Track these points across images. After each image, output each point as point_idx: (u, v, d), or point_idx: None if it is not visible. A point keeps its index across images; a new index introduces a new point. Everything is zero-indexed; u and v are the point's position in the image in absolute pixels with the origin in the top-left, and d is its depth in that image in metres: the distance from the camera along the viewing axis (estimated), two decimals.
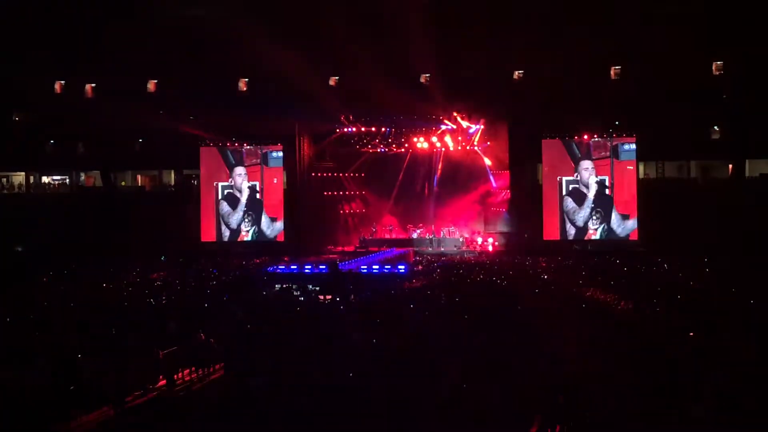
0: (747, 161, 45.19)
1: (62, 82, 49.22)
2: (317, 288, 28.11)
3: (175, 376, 17.00)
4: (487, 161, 47.66)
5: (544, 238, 43.63)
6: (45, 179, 53.46)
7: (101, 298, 26.02)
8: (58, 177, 53.45)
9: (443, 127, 46.40)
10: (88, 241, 42.25)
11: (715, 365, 13.63)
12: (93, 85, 49.26)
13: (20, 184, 52.19)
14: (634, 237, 42.55)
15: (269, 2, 44.19)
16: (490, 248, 45.63)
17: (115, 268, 35.69)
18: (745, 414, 11.57)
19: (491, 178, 47.58)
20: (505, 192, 46.70)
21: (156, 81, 48.67)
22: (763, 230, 37.03)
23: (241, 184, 46.74)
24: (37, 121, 48.71)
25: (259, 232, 46.44)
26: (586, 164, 43.49)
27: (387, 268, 33.06)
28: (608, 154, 43.30)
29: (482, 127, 46.23)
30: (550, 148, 44.24)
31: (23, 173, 52.00)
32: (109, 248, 40.80)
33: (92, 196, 49.91)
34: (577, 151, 43.69)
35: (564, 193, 43.74)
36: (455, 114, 45.33)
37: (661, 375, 13.31)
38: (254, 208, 46.54)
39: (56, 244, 41.71)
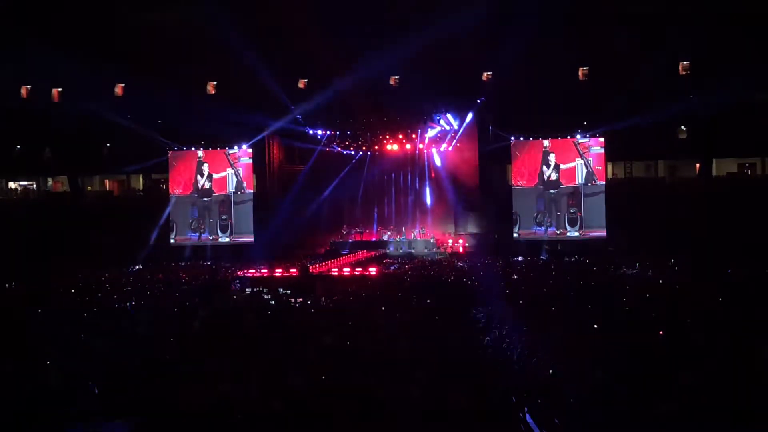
0: (714, 160, 45.59)
1: (28, 86, 48.83)
2: (288, 291, 28.01)
3: None
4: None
5: (514, 239, 43.78)
6: (12, 184, 53.04)
7: (69, 303, 25.76)
8: (26, 182, 53.05)
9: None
10: (56, 246, 41.89)
11: (685, 363, 13.69)
12: (59, 89, 48.91)
13: None
14: (604, 236, 42.74)
15: (238, 4, 44.01)
16: (461, 249, 45.73)
17: (83, 273, 35.47)
18: (715, 411, 11.62)
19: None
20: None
21: (123, 85, 48.41)
22: (730, 228, 37.33)
23: (211, 187, 46.59)
24: (3, 126, 48.20)
25: (229, 235, 46.32)
26: (555, 165, 43.71)
27: (358, 271, 33.03)
28: (577, 154, 43.53)
29: (458, 129, 46.38)
30: (520, 149, 44.44)
31: None
32: (77, 253, 40.48)
33: (60, 201, 49.56)
34: (546, 152, 43.92)
35: (533, 193, 43.96)
36: (435, 115, 45.31)
37: (632, 373, 13.34)
38: (224, 211, 46.41)
39: (24, 249, 41.31)
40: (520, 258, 40.53)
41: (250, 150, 46.34)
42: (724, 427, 11.41)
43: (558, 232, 43.64)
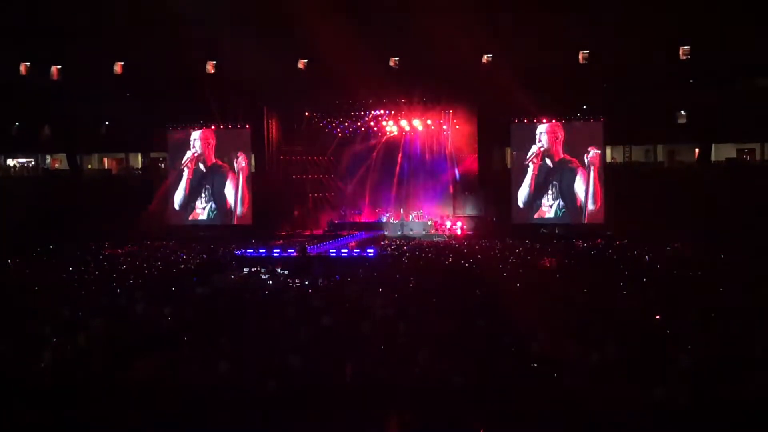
0: (713, 145, 45.57)
1: (27, 63, 48.68)
2: (286, 271, 28.01)
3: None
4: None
5: (513, 222, 43.78)
6: (10, 162, 52.98)
7: (66, 281, 25.77)
8: (24, 159, 52.98)
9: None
10: (54, 224, 41.85)
11: (680, 350, 13.72)
12: (59, 66, 48.78)
13: None
14: (602, 221, 42.78)
15: None
16: (459, 232, 45.75)
17: (81, 251, 35.50)
18: (707, 399, 11.64)
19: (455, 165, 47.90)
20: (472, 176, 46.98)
21: (123, 63, 48.29)
22: (728, 214, 37.34)
23: (210, 166, 46.57)
24: (1, 103, 48.06)
25: (228, 216, 46.32)
26: (554, 147, 43.69)
27: (356, 252, 33.02)
28: (575, 138, 43.51)
29: (451, 111, 46.50)
30: (519, 132, 44.39)
31: None
32: (75, 232, 40.44)
33: (58, 179, 49.51)
34: (544, 135, 43.85)
35: (530, 176, 43.94)
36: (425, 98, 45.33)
37: (626, 357, 13.38)
38: (222, 191, 46.38)
39: (22, 226, 41.27)
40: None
41: (249, 130, 46.27)
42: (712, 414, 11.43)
43: (555, 216, 43.66)
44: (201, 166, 46.70)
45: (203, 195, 46.60)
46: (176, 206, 46.60)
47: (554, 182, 43.69)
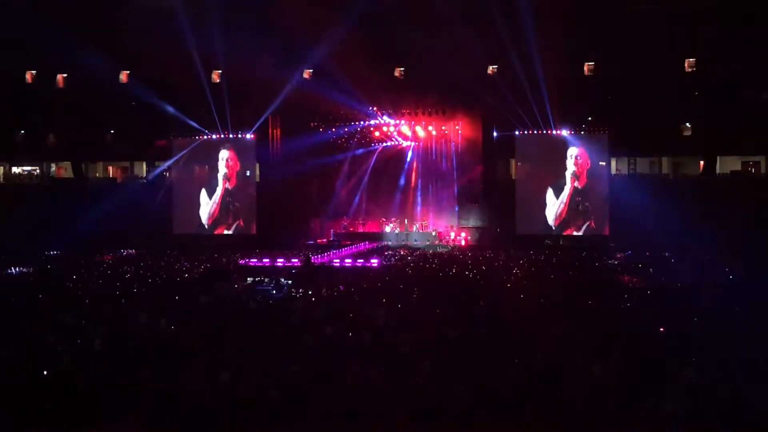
0: (718, 158, 45.51)
1: (33, 71, 48.82)
2: (289, 281, 27.98)
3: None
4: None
5: (517, 233, 43.75)
6: (15, 169, 53.07)
7: (71, 289, 25.75)
8: (29, 167, 53.07)
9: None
10: (59, 232, 41.87)
11: (687, 362, 13.68)
12: (64, 75, 48.91)
13: None
14: (606, 232, 42.75)
15: None
16: (463, 243, 45.68)
17: (85, 259, 35.53)
18: (715, 411, 11.60)
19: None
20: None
21: (128, 72, 48.40)
22: (733, 227, 37.24)
23: (213, 175, 46.63)
24: (7, 111, 48.16)
25: (231, 225, 46.35)
26: (558, 159, 43.70)
27: (360, 262, 32.99)
28: (580, 149, 43.48)
29: (456, 122, 46.53)
30: (523, 143, 44.38)
31: None
32: (79, 240, 40.45)
33: (63, 187, 49.54)
34: (549, 146, 43.85)
35: (534, 188, 43.95)
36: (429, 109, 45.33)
37: (632, 370, 13.34)
38: (226, 200, 46.43)
39: (27, 234, 41.30)
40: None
41: (254, 140, 46.33)
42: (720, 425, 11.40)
43: (561, 226, 43.66)
44: (204, 174, 46.86)
45: (207, 204, 46.69)
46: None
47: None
